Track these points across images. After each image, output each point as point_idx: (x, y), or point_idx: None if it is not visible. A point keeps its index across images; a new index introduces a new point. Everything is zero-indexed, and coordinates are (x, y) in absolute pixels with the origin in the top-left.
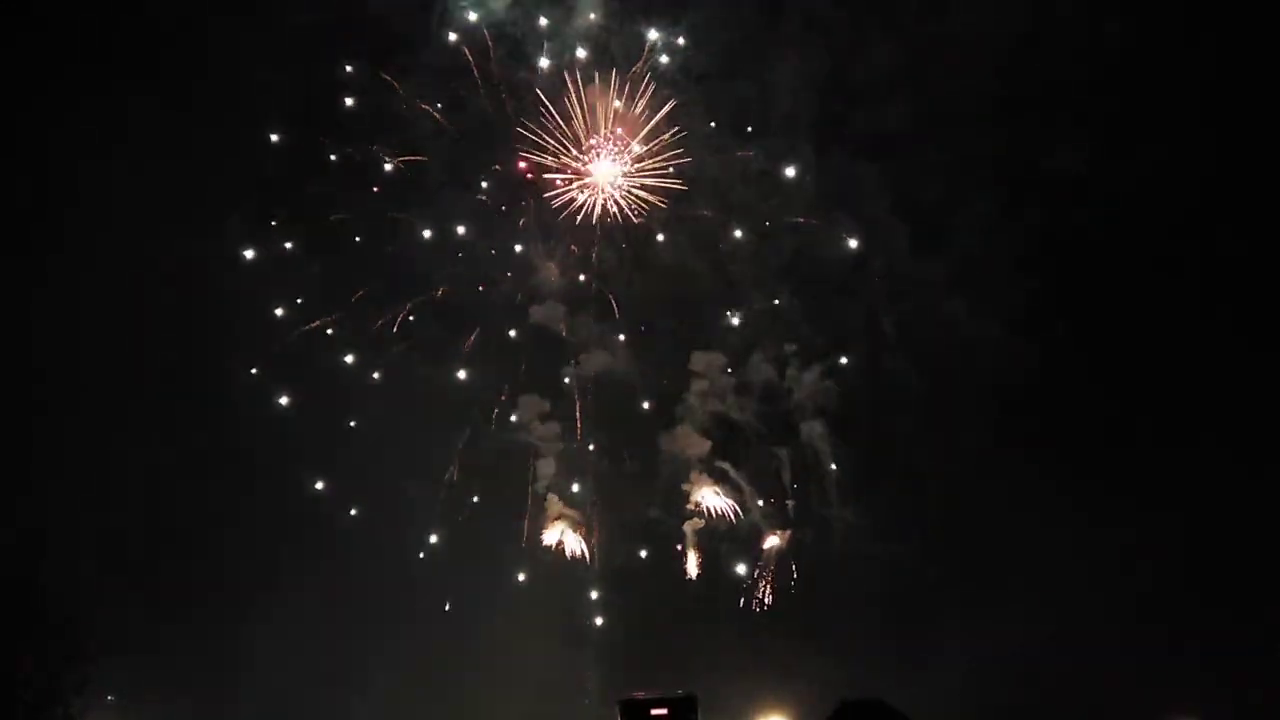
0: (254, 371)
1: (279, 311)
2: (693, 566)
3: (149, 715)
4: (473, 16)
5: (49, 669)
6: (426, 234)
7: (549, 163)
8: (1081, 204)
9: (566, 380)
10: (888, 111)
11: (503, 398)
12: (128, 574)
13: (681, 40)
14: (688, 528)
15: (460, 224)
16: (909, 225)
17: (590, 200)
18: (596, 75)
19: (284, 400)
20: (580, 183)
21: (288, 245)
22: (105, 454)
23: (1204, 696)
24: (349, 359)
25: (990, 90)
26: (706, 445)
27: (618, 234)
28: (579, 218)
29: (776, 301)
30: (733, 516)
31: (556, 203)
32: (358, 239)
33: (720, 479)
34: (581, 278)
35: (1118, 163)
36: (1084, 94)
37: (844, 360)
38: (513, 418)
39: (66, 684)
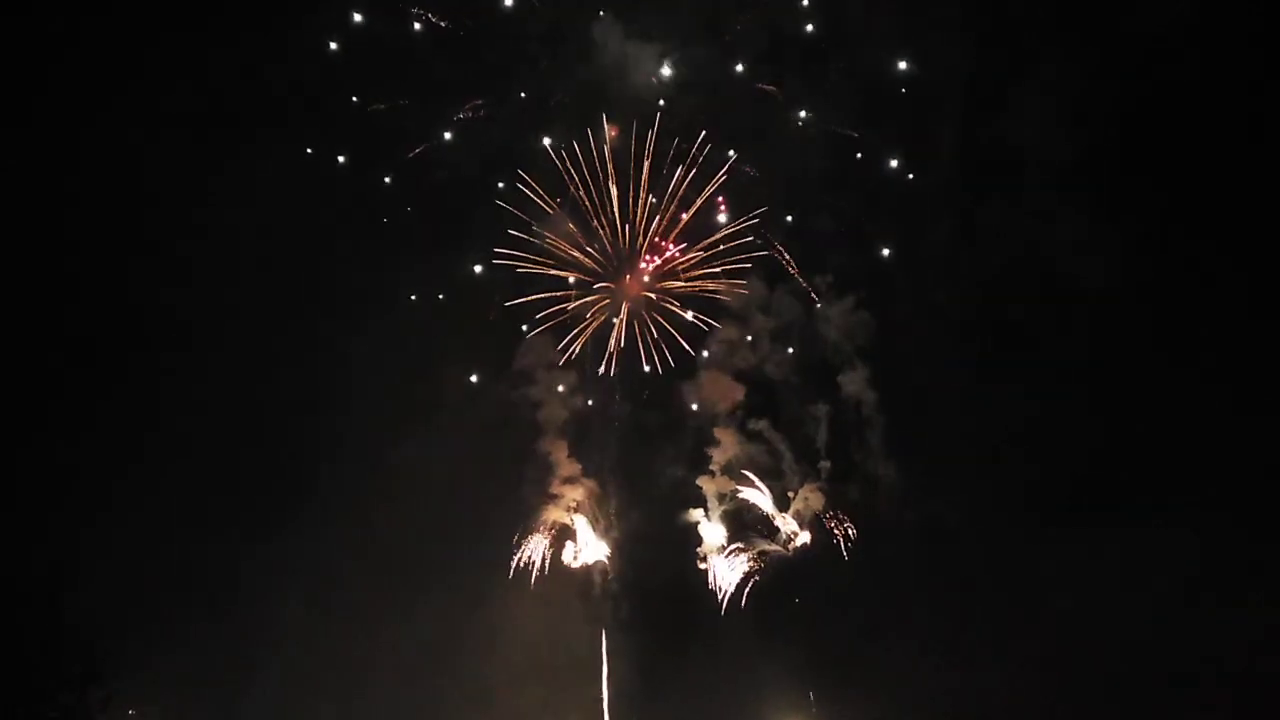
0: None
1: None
2: (719, 537)
3: None
4: None
5: (74, 689)
6: None
7: None
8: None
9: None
10: None
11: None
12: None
13: None
14: (710, 489)
15: None
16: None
17: None
18: None
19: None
20: None
21: None
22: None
23: None
24: None
25: None
26: (738, 392)
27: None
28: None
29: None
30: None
31: None
32: None
33: (752, 438)
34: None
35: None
36: None
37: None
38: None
39: (92, 702)
